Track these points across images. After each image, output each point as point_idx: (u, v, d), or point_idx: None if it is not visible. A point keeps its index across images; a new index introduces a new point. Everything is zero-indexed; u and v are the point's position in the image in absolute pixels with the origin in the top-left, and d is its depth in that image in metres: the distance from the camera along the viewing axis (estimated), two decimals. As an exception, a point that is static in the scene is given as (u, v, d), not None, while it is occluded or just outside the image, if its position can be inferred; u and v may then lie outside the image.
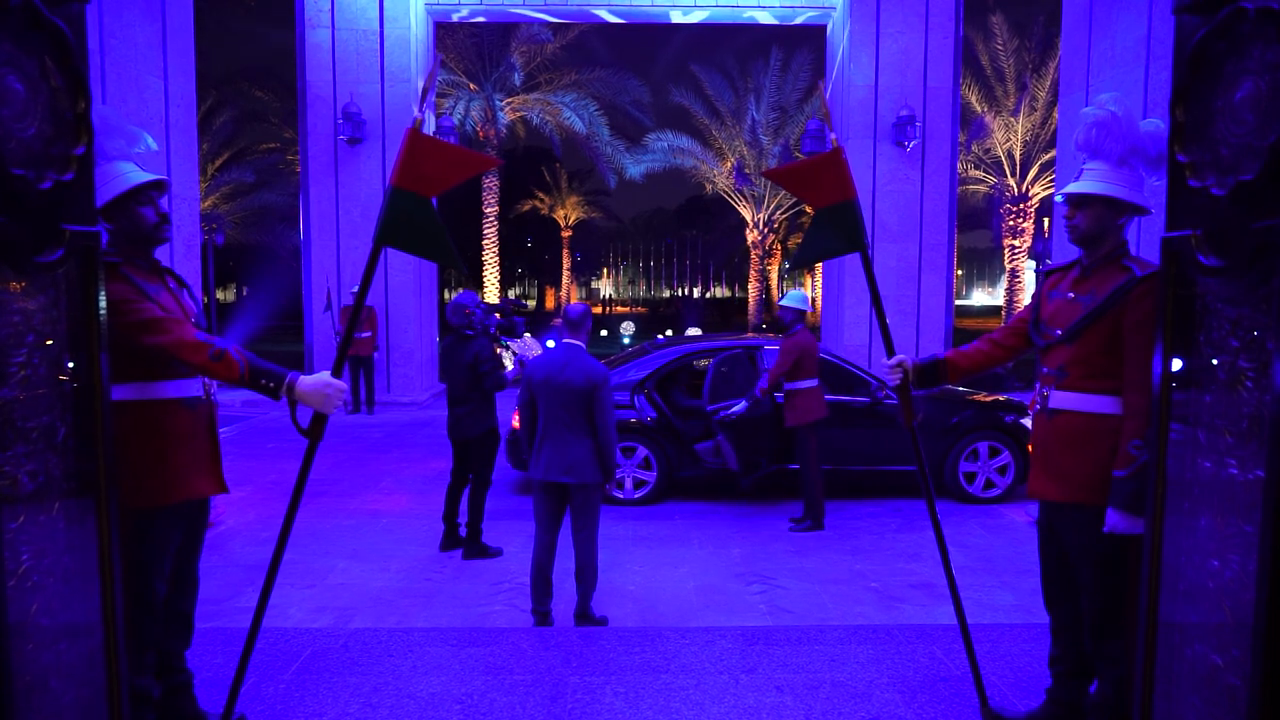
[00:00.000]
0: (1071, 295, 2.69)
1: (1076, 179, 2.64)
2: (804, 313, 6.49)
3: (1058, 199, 2.68)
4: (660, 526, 6.59)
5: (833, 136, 2.76)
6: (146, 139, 2.63)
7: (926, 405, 7.39)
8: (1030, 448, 2.86)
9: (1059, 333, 2.68)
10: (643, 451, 7.18)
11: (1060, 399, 2.66)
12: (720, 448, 6.57)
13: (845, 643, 3.97)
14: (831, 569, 5.62)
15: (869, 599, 5.09)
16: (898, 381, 2.99)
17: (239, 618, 4.67)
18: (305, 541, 6.09)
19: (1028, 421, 7.30)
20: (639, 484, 7.21)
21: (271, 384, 2.49)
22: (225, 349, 2.46)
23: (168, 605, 2.77)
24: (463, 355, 5.55)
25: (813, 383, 6.42)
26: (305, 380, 2.53)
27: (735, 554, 5.94)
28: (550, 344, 16.32)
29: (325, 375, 2.56)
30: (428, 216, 2.38)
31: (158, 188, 2.61)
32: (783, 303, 6.50)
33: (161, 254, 5.78)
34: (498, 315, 5.70)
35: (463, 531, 5.87)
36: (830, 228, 2.76)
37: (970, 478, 7.30)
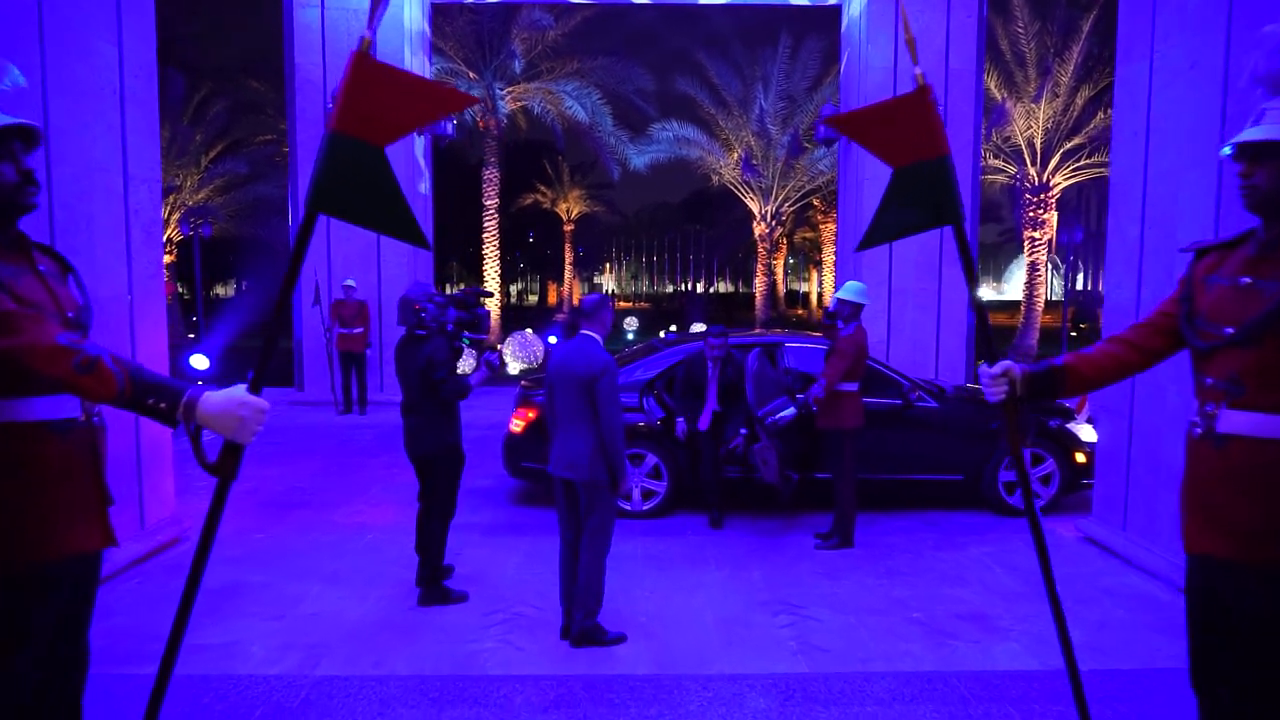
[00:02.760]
0: (1246, 281, 2.02)
1: (1255, 123, 1.97)
2: (862, 306, 5.82)
3: (1225, 152, 2.02)
4: (672, 543, 5.97)
5: (918, 71, 2.10)
6: (13, 72, 1.99)
7: (960, 406, 6.77)
8: (1185, 486, 2.18)
9: (1229, 331, 2.00)
10: (652, 459, 6.55)
11: (1234, 421, 2.00)
12: (761, 456, 5.92)
13: (899, 698, 3.36)
14: (867, 596, 4.99)
15: (914, 634, 4.46)
16: (1001, 396, 2.32)
17: (190, 660, 4.04)
18: (278, 562, 5.47)
19: (1074, 426, 6.67)
20: (648, 494, 6.58)
21: (164, 404, 1.85)
22: (98, 356, 1.81)
23: (42, 696, 2.11)
24: (414, 359, 4.72)
25: (855, 386, 5.78)
26: (211, 399, 1.89)
27: (756, 577, 5.31)
28: (553, 340, 15.64)
29: (239, 391, 1.92)
30: (379, 173, 1.75)
31: (22, 137, 1.97)
32: (839, 294, 5.82)
33: (116, 243, 5.07)
34: (455, 309, 4.83)
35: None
36: (914, 194, 2.12)
37: (1010, 488, 6.66)
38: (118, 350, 5.28)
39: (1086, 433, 6.73)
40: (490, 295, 5.08)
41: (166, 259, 24.35)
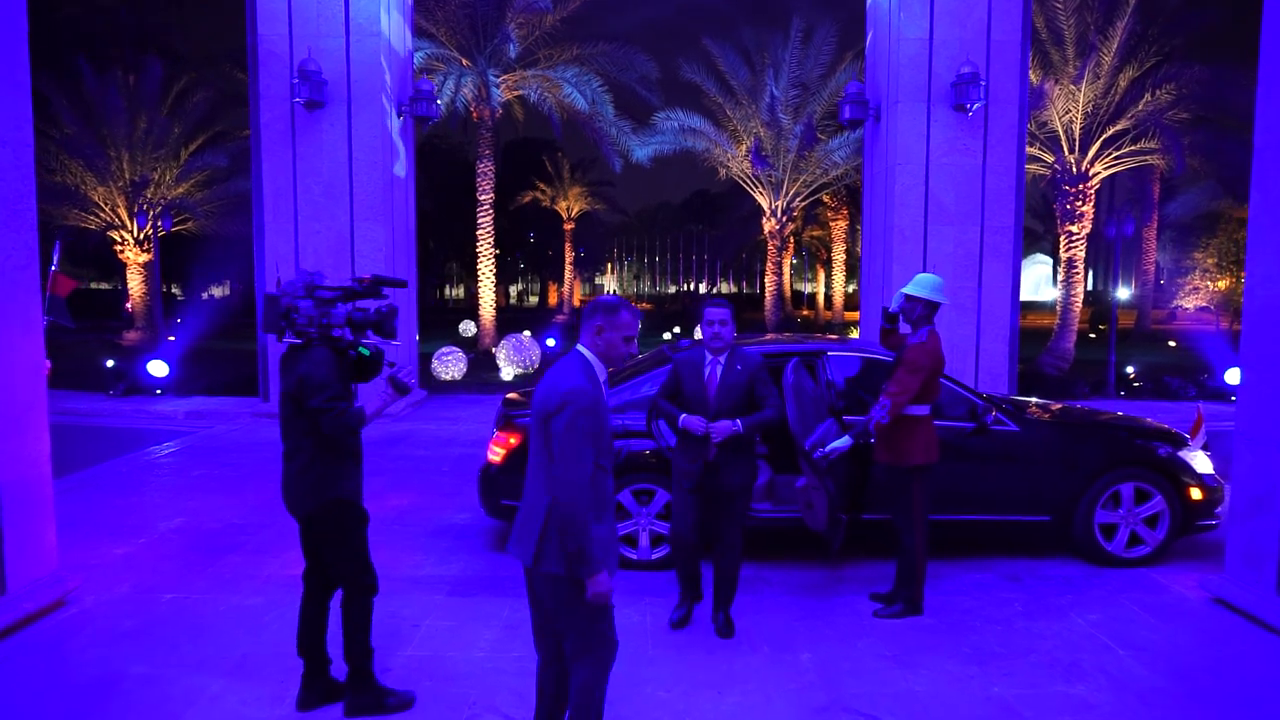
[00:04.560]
0: None
1: None
2: (938, 306, 4.51)
3: None
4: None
5: None
6: None
7: (1046, 430, 5.47)
8: None
9: None
10: (663, 496, 5.25)
11: None
12: (806, 496, 4.63)
13: None
14: (957, 695, 3.70)
15: (1039, 765, 3.17)
16: None
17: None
18: (177, 639, 4.18)
19: (1187, 455, 5.39)
20: (658, 540, 5.29)
21: None
22: None
23: None
24: (288, 377, 3.41)
25: (926, 410, 4.48)
26: None
27: (805, 662, 4.02)
28: (551, 343, 14.19)
29: None
30: None
31: None
32: (908, 290, 4.50)
33: None
34: (346, 304, 3.40)
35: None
36: None
37: (1109, 531, 5.36)
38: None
39: (1201, 462, 5.44)
40: (402, 284, 3.60)
41: (144, 258, 23.09)
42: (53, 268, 6.40)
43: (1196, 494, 5.32)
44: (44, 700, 3.59)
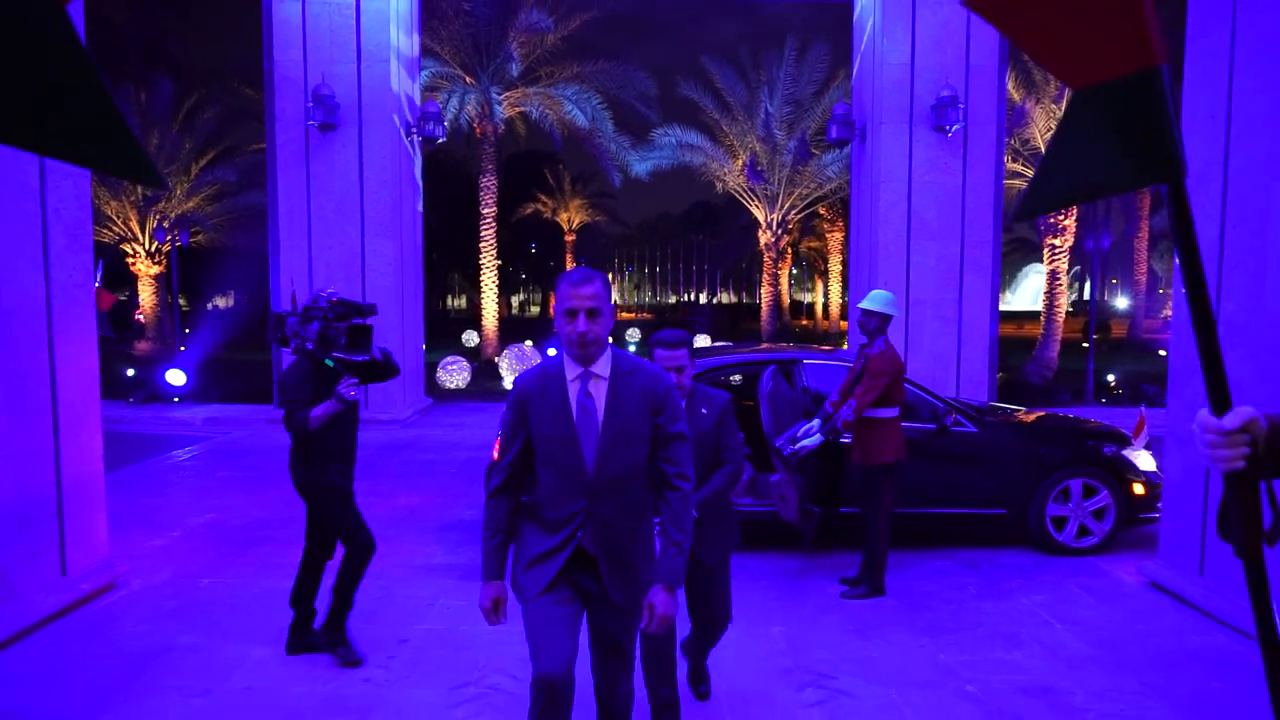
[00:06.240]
0: None
1: None
2: (890, 319, 5.08)
3: None
4: (677, 591, 5.19)
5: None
6: None
7: (1002, 431, 6.00)
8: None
9: None
10: (654, 491, 5.77)
11: None
12: (778, 490, 5.16)
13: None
14: (907, 662, 4.22)
15: (969, 715, 3.68)
16: (1239, 464, 1.31)
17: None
18: (218, 616, 4.71)
19: (1131, 453, 5.91)
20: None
21: None
22: None
23: None
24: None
25: (894, 412, 5.03)
26: None
27: (776, 634, 4.54)
28: (552, 352, 14.86)
29: None
30: (63, 50, 0.96)
31: None
32: (863, 304, 5.08)
33: (30, 247, 4.30)
34: (321, 323, 3.98)
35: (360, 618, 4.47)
36: (1105, 132, 1.25)
37: (1060, 523, 5.88)
38: (35, 372, 4.54)
39: (1144, 460, 5.97)
40: (372, 310, 4.28)
41: (155, 270, 23.70)
42: (96, 284, 6.94)
43: (1139, 489, 5.84)
44: (105, 665, 4.11)
